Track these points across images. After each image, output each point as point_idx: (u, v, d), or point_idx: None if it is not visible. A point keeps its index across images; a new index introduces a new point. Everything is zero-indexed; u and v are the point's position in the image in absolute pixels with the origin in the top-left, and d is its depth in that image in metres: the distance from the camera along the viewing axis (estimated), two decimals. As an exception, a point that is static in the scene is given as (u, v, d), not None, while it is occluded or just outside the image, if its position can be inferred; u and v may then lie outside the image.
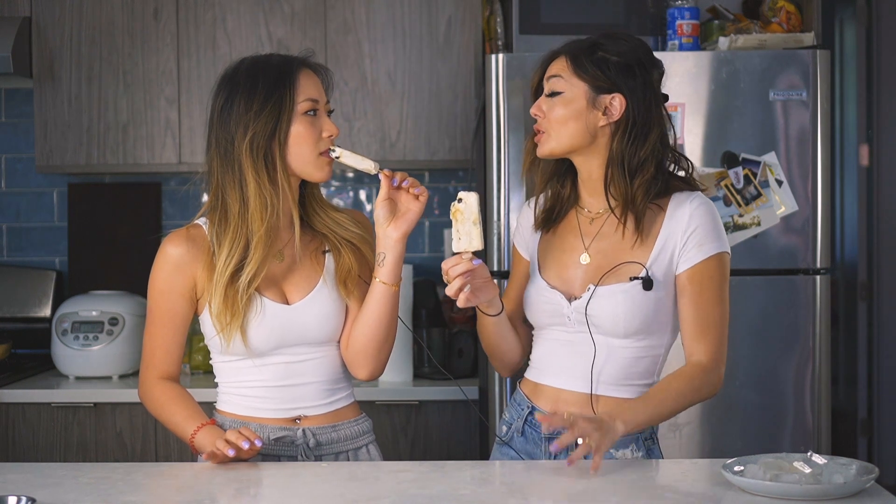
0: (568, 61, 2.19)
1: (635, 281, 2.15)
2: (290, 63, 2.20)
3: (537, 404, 2.25)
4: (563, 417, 1.99)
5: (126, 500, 1.87)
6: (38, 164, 3.66)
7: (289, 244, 2.22)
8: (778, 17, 3.48)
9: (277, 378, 2.22)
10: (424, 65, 3.61)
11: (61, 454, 3.35)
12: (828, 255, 3.21)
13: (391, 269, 2.17)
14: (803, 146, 3.19)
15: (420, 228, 3.97)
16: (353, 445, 2.27)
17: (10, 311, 3.89)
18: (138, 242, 3.97)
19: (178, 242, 2.21)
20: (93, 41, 3.63)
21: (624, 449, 2.20)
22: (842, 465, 1.91)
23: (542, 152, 2.22)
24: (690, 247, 2.16)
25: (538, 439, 2.24)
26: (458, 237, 2.12)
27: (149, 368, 2.25)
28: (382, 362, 2.26)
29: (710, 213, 2.18)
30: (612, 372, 2.19)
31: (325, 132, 2.18)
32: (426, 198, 2.17)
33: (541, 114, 2.21)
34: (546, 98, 2.21)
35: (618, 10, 3.49)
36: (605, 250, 2.21)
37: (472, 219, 2.11)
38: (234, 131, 2.15)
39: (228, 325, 2.15)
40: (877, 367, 4.42)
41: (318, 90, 2.20)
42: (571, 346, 2.21)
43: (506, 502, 1.93)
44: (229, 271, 2.13)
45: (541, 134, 2.21)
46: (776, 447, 3.10)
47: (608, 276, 2.17)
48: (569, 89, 2.18)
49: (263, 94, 2.15)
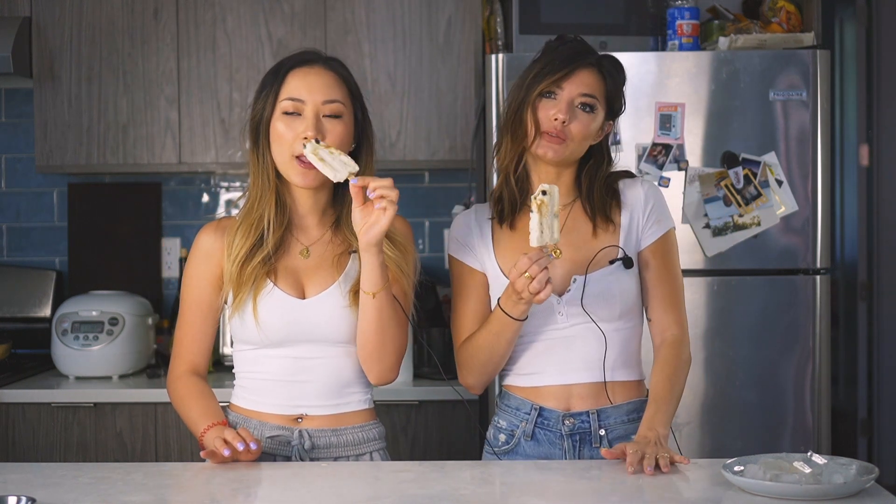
0: (603, 84, 2.26)
1: (617, 262, 2.24)
2: (290, 60, 2.22)
3: (545, 405, 2.27)
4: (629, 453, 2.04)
5: (126, 500, 1.87)
6: (38, 164, 3.66)
7: (318, 242, 2.25)
8: (778, 17, 3.48)
9: (283, 373, 2.22)
10: (424, 65, 3.61)
11: (61, 454, 3.35)
12: (828, 255, 3.21)
13: (366, 276, 2.12)
14: (803, 146, 3.19)
15: (420, 228, 3.97)
16: (354, 452, 2.24)
17: (10, 311, 3.89)
18: (138, 242, 3.98)
19: (208, 232, 2.26)
20: (93, 41, 3.63)
21: None
22: (842, 465, 1.91)
23: (556, 158, 2.24)
24: (651, 223, 2.30)
25: (555, 439, 2.25)
26: (541, 230, 2.04)
27: (176, 359, 2.28)
28: (388, 367, 2.21)
29: (659, 191, 2.33)
30: (616, 356, 2.26)
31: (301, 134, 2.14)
32: (393, 211, 2.07)
33: (570, 121, 2.22)
34: (576, 110, 2.23)
35: (618, 10, 3.49)
36: (576, 242, 2.27)
37: (554, 210, 2.06)
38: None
39: (238, 298, 2.17)
40: (877, 367, 4.42)
41: (311, 91, 2.17)
42: (568, 340, 2.25)
43: (506, 502, 1.93)
44: (244, 250, 2.17)
45: (560, 140, 2.22)
46: (776, 447, 3.10)
47: (592, 265, 2.24)
48: (599, 111, 2.26)
49: (261, 84, 2.22)
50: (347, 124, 2.19)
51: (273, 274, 2.20)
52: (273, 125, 2.18)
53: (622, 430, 2.25)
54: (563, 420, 2.24)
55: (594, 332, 2.23)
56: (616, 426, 2.25)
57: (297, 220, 2.26)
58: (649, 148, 3.16)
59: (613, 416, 2.25)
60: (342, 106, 2.19)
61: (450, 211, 3.90)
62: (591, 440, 2.24)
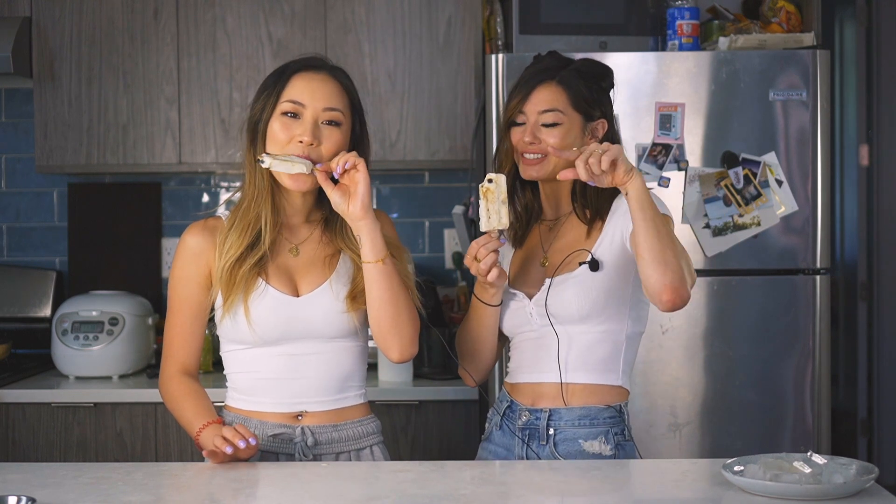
0: (565, 94, 2.30)
1: (583, 266, 2.27)
2: (296, 63, 2.24)
3: (518, 400, 2.35)
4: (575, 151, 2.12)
5: (126, 500, 1.87)
6: (38, 164, 3.66)
7: (307, 241, 2.27)
8: (778, 17, 3.48)
9: (281, 371, 2.23)
10: (424, 65, 3.61)
11: (61, 454, 3.35)
12: (828, 255, 3.21)
13: (368, 246, 2.16)
14: (803, 146, 3.19)
15: (420, 228, 3.97)
16: (355, 446, 2.27)
17: (10, 311, 3.90)
18: (138, 242, 3.98)
19: (195, 232, 2.26)
20: (93, 41, 3.63)
21: (592, 440, 2.27)
22: (842, 465, 1.91)
23: (539, 175, 2.31)
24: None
25: (514, 431, 2.33)
26: (488, 216, 2.19)
27: (167, 360, 2.28)
28: (407, 339, 2.23)
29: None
30: (575, 358, 2.29)
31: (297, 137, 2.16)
32: (363, 164, 2.14)
33: (536, 141, 2.29)
34: (543, 128, 2.29)
35: (618, 10, 3.49)
36: (562, 248, 2.33)
37: (501, 198, 2.19)
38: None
39: (229, 300, 2.18)
40: (877, 367, 4.42)
41: (313, 96, 2.19)
42: (538, 341, 2.32)
43: (506, 502, 1.93)
44: (239, 251, 2.18)
45: (538, 158, 2.29)
46: (776, 447, 3.10)
47: (561, 268, 2.29)
48: (567, 121, 2.30)
49: (263, 84, 2.24)
50: (344, 133, 2.21)
51: (264, 273, 2.22)
52: (270, 125, 2.20)
53: (570, 433, 2.28)
54: (521, 414, 2.32)
55: (554, 336, 2.29)
56: (565, 428, 2.29)
57: (286, 220, 2.28)
58: (649, 148, 3.16)
59: (565, 417, 2.29)
60: (341, 115, 2.21)
61: (450, 211, 3.90)
62: (539, 437, 2.30)
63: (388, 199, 3.98)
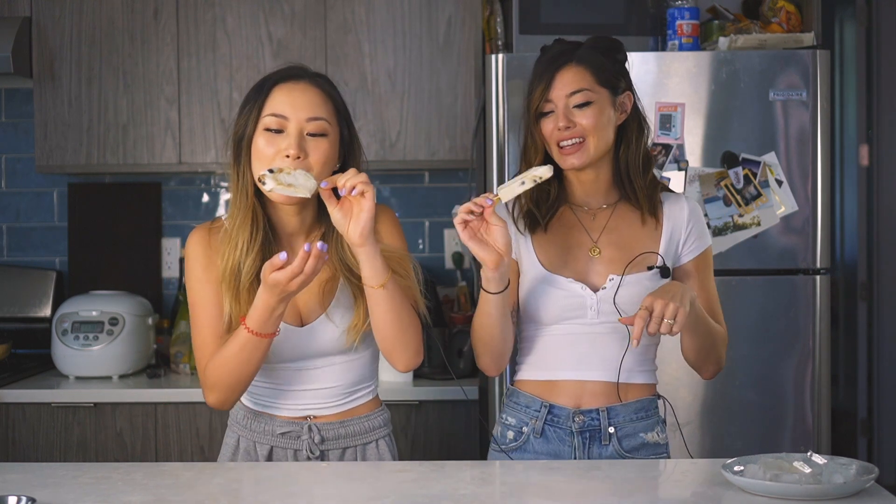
0: (589, 72, 2.25)
1: (654, 270, 2.26)
2: (275, 74, 2.17)
3: (556, 402, 2.27)
4: (643, 308, 2.08)
5: (126, 500, 1.87)
6: (38, 164, 3.66)
7: None
8: (778, 17, 3.48)
9: (290, 382, 2.23)
10: (424, 65, 3.61)
11: (61, 454, 3.35)
12: (828, 255, 3.21)
13: (369, 272, 2.09)
14: (803, 146, 3.19)
15: (420, 228, 3.97)
16: (361, 441, 2.27)
17: (10, 311, 3.90)
18: (138, 242, 3.98)
19: (199, 239, 2.20)
20: (93, 41, 3.63)
21: (650, 431, 2.28)
22: (842, 465, 1.91)
23: (580, 162, 2.24)
24: (693, 239, 2.33)
25: (565, 436, 2.27)
26: (509, 184, 2.10)
27: (204, 360, 2.18)
28: (412, 351, 2.18)
29: (699, 210, 2.38)
30: (631, 359, 2.27)
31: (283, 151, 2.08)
32: (372, 191, 2.04)
33: (572, 125, 2.23)
34: (575, 110, 2.24)
35: (618, 10, 3.49)
36: (617, 242, 2.29)
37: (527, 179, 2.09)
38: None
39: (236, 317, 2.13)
40: (877, 367, 4.42)
41: (295, 108, 2.11)
42: (591, 336, 2.26)
43: (506, 502, 1.93)
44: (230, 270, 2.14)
45: (576, 145, 2.23)
46: (776, 447, 3.10)
47: (630, 267, 2.26)
48: (597, 98, 2.25)
49: (245, 98, 2.17)
50: (332, 143, 2.13)
51: None
52: (255, 141, 2.12)
53: (631, 429, 2.27)
54: (574, 417, 2.26)
55: (620, 333, 2.25)
56: (625, 424, 2.27)
57: (286, 240, 2.21)
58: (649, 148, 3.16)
59: (623, 413, 2.27)
60: (327, 124, 2.12)
61: (450, 211, 3.91)
62: (600, 437, 2.26)
63: (388, 200, 3.98)
